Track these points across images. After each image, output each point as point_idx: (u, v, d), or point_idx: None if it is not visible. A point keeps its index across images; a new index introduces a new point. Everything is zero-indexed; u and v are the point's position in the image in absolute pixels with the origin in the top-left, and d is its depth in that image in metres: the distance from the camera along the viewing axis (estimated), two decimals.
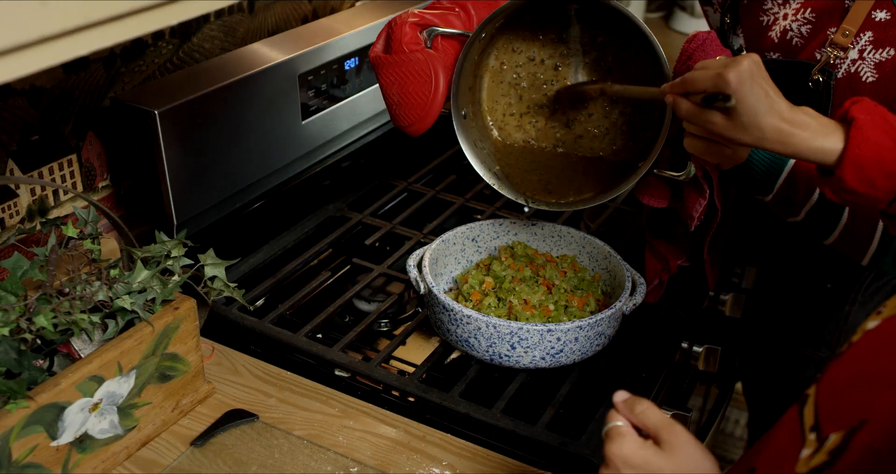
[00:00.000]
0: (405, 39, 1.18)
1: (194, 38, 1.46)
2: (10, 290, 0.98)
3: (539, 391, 1.24)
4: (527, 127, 1.32)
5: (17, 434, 0.91)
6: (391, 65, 1.19)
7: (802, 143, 0.98)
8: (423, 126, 1.20)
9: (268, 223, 1.54)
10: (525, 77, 1.30)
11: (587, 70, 1.28)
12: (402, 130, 1.23)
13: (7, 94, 1.19)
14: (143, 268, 1.06)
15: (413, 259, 1.29)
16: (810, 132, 0.98)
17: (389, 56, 1.19)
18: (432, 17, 1.20)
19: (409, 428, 1.15)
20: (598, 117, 1.28)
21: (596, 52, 1.27)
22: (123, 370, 1.02)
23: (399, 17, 1.20)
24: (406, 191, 1.73)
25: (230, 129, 1.39)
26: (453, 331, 1.20)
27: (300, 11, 1.69)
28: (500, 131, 1.32)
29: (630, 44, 1.23)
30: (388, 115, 1.23)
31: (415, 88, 1.18)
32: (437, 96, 1.19)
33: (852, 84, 1.17)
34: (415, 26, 1.18)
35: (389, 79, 1.19)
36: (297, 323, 1.33)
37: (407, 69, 1.18)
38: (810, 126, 0.98)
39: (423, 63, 1.17)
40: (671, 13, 2.89)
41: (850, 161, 0.95)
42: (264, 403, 1.18)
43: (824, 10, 1.19)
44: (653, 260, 1.33)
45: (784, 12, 1.23)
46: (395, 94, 1.19)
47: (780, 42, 1.25)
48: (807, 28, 1.21)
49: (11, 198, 1.23)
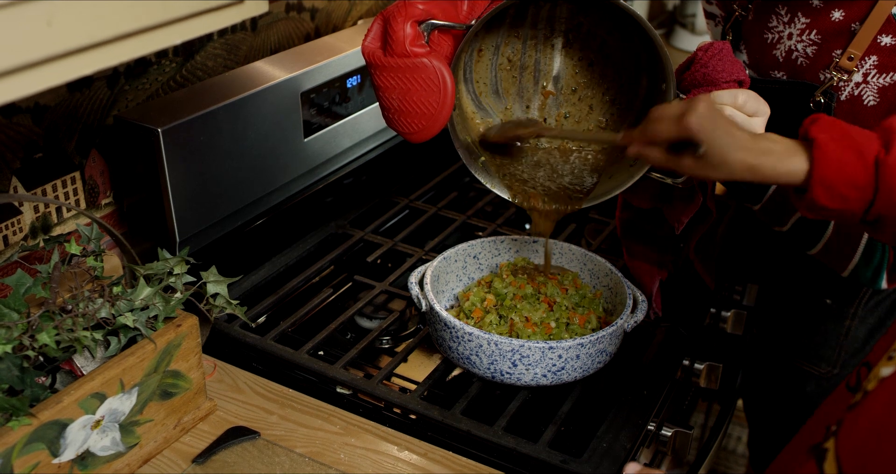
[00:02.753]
0: (408, 40, 1.05)
1: (197, 56, 1.47)
2: (13, 307, 0.98)
3: (541, 408, 1.24)
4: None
5: (19, 451, 0.91)
6: (392, 69, 1.07)
7: (770, 170, 0.99)
8: (427, 136, 1.12)
9: (270, 240, 1.54)
10: (505, 77, 1.28)
11: (569, 62, 1.27)
12: (401, 135, 1.14)
13: (11, 112, 1.19)
14: (145, 286, 1.06)
15: (415, 276, 1.29)
16: (775, 157, 0.98)
17: (390, 59, 1.07)
18: (431, 8, 1.07)
19: (411, 446, 1.15)
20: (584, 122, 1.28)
21: (579, 44, 1.25)
22: (125, 387, 1.02)
23: (396, 10, 1.06)
24: (408, 208, 1.74)
25: (233, 147, 1.39)
26: (455, 349, 1.20)
27: (302, 29, 1.70)
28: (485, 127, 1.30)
29: (615, 31, 1.22)
30: (383, 117, 1.13)
31: (420, 97, 1.08)
32: (446, 107, 1.09)
33: (854, 107, 1.18)
34: (416, 24, 1.06)
35: (389, 83, 1.09)
36: (299, 340, 1.33)
37: (411, 76, 1.07)
38: (774, 151, 0.99)
39: (430, 71, 1.06)
40: (672, 30, 2.91)
41: (817, 181, 0.96)
42: (266, 420, 1.18)
43: (830, 33, 1.19)
44: (641, 264, 1.33)
45: (789, 32, 1.23)
46: (396, 99, 1.09)
47: (784, 61, 1.25)
48: (812, 49, 1.21)
49: (15, 216, 1.24)
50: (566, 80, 1.27)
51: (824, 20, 1.19)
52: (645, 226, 1.32)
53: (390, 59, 1.07)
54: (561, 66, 1.27)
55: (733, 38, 1.33)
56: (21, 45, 0.63)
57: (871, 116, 1.17)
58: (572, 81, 1.28)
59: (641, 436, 1.18)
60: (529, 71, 1.27)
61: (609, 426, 1.17)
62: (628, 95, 1.25)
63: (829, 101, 1.19)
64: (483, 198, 1.76)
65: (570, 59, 1.26)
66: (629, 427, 1.17)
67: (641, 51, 1.20)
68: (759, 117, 1.08)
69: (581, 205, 1.23)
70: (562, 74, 1.27)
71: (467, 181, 1.89)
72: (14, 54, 0.63)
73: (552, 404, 1.22)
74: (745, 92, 1.08)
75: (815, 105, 1.20)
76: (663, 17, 2.99)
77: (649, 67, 1.21)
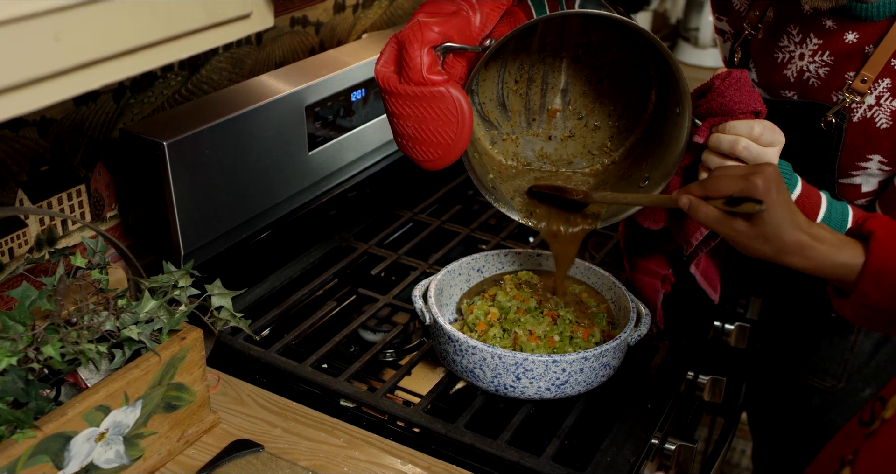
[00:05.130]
0: (424, 68, 1.00)
1: (203, 70, 1.48)
2: (19, 320, 0.99)
3: (544, 422, 1.23)
4: (521, 148, 1.31)
5: (23, 463, 0.91)
6: (407, 97, 1.02)
7: (825, 258, 0.97)
8: (442, 165, 1.07)
9: (274, 253, 1.54)
10: (512, 89, 1.28)
11: (576, 79, 1.27)
12: (414, 162, 1.10)
13: (18, 125, 1.20)
14: (150, 298, 1.07)
15: (419, 289, 1.29)
16: (829, 246, 0.97)
17: (406, 86, 1.02)
18: (447, 29, 1.02)
19: (414, 459, 1.15)
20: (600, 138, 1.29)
21: (589, 61, 1.24)
22: (130, 400, 1.03)
23: (412, 34, 1.01)
24: (411, 221, 1.74)
25: (237, 160, 1.40)
26: (458, 362, 1.20)
27: (307, 43, 1.71)
28: (498, 149, 1.30)
29: (626, 47, 1.22)
30: (395, 142, 1.09)
31: (437, 127, 1.03)
32: (463, 138, 1.04)
33: (867, 129, 1.18)
34: (432, 49, 1.01)
35: (404, 111, 1.04)
36: (303, 353, 1.33)
37: (428, 105, 1.02)
38: (829, 240, 0.98)
39: (449, 100, 1.01)
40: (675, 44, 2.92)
41: (871, 275, 0.94)
42: (269, 433, 1.18)
43: (843, 55, 1.19)
44: (644, 278, 1.33)
45: (801, 52, 1.23)
46: (411, 128, 1.04)
47: (796, 81, 1.25)
48: (824, 70, 1.21)
49: (21, 228, 1.24)
50: (573, 95, 1.28)
51: (837, 42, 1.19)
52: (649, 240, 1.32)
53: (406, 87, 1.02)
54: (568, 80, 1.27)
55: (742, 56, 1.33)
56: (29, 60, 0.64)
57: (883, 139, 1.17)
58: (580, 101, 1.28)
59: (645, 450, 1.18)
60: (537, 84, 1.27)
61: (613, 440, 1.17)
62: (635, 110, 1.25)
63: (841, 121, 1.18)
64: (486, 212, 1.76)
65: (579, 77, 1.26)
66: (633, 440, 1.17)
67: (651, 66, 1.20)
68: (774, 147, 1.08)
69: (596, 226, 1.23)
70: (569, 89, 1.27)
71: (471, 194, 1.89)
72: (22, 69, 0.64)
73: (556, 418, 1.22)
74: (761, 122, 1.07)
75: (827, 125, 1.20)
76: (667, 30, 2.99)
77: (659, 83, 1.21)
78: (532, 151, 1.30)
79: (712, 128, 1.10)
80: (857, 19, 1.16)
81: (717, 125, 1.10)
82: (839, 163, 1.22)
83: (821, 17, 1.20)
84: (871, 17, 1.15)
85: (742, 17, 1.33)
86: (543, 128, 1.29)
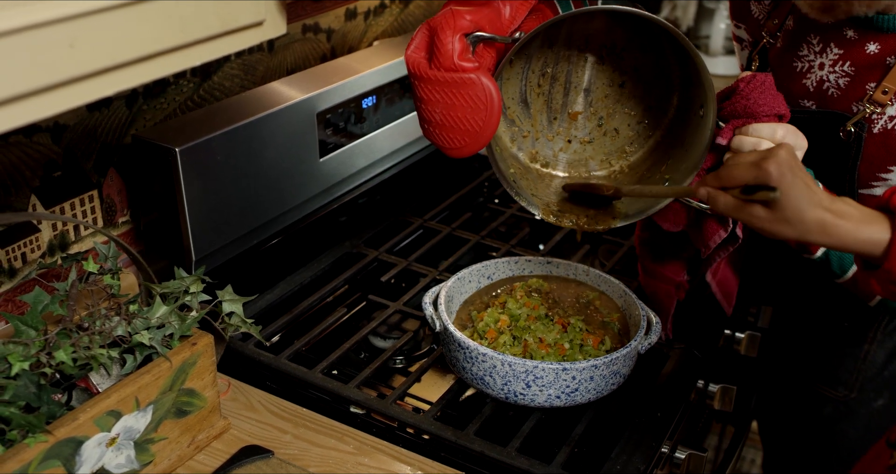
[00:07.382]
0: (456, 54, 1.00)
1: (215, 77, 1.48)
2: (31, 325, 0.99)
3: (554, 430, 1.23)
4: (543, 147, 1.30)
5: (35, 467, 0.91)
6: (438, 83, 1.02)
7: (848, 234, 0.96)
8: (468, 153, 1.07)
9: (285, 259, 1.55)
10: (534, 87, 1.28)
11: (599, 79, 1.26)
12: (439, 149, 1.09)
13: (31, 131, 1.21)
14: (161, 304, 1.07)
15: (429, 296, 1.29)
16: (854, 222, 0.96)
17: (436, 72, 1.01)
18: (478, 18, 1.02)
19: (424, 466, 1.15)
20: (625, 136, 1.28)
21: (612, 65, 1.24)
22: (141, 405, 1.03)
23: (445, 21, 1.01)
24: (422, 228, 1.74)
25: (249, 167, 1.40)
26: (468, 369, 1.20)
27: (319, 50, 1.71)
28: (518, 147, 1.30)
29: (649, 50, 1.21)
30: (421, 128, 1.09)
31: (465, 114, 1.03)
32: (491, 126, 1.04)
33: (887, 141, 1.17)
34: (464, 37, 1.00)
35: (433, 96, 1.03)
36: (313, 359, 1.33)
37: (458, 92, 1.02)
38: (853, 216, 0.96)
39: (478, 87, 1.01)
40: None
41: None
42: (280, 439, 1.18)
43: (864, 66, 1.18)
44: (659, 285, 1.33)
45: (820, 61, 1.23)
46: (439, 113, 1.04)
47: (815, 91, 1.24)
48: (844, 81, 1.20)
49: (33, 233, 1.25)
50: (595, 97, 1.27)
51: (859, 52, 1.18)
52: (666, 246, 1.31)
53: (436, 73, 1.02)
54: (591, 81, 1.27)
55: (759, 65, 1.33)
56: (45, 67, 0.64)
57: None
58: (601, 102, 1.28)
59: (655, 459, 1.17)
60: (560, 83, 1.27)
61: (623, 448, 1.17)
62: (656, 113, 1.25)
63: (861, 131, 1.18)
64: (497, 219, 1.76)
65: (602, 79, 1.26)
66: (643, 449, 1.17)
67: (674, 69, 1.20)
68: (797, 152, 1.08)
69: (615, 224, 1.23)
70: (592, 89, 1.27)
71: (481, 201, 1.90)
72: (38, 76, 0.64)
73: (566, 425, 1.22)
74: (784, 126, 1.07)
75: (846, 135, 1.19)
76: None
77: (682, 87, 1.21)
78: (551, 151, 1.30)
79: (735, 130, 1.11)
80: (879, 30, 1.16)
81: (741, 127, 1.10)
82: (859, 173, 1.21)
83: (842, 28, 1.20)
84: (893, 29, 1.15)
85: (760, 26, 1.33)
86: (564, 128, 1.29)
